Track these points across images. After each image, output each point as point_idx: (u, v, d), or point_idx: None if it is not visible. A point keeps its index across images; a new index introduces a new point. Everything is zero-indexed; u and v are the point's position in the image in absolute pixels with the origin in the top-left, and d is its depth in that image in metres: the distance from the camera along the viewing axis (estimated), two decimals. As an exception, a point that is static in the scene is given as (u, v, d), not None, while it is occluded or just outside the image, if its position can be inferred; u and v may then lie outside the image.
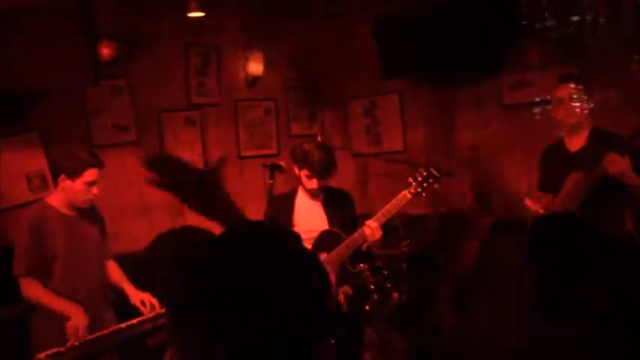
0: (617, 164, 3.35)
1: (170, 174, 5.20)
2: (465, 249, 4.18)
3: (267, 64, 5.76)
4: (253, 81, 5.77)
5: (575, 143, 3.69)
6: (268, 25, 5.84)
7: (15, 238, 3.41)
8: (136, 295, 3.57)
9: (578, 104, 3.62)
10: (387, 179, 5.75)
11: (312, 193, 3.80)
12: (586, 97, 3.67)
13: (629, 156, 3.36)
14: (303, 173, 3.73)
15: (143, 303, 3.49)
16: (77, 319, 3.22)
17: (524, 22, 5.04)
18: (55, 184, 3.44)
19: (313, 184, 3.71)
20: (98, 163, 3.41)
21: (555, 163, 3.79)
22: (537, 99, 5.12)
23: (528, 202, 3.75)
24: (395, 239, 4.46)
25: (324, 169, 3.69)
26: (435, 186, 3.66)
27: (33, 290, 3.33)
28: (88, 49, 4.45)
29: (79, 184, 3.34)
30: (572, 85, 3.68)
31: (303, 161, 3.71)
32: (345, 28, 6.02)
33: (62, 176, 3.34)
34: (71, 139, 4.81)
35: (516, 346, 2.03)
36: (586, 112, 3.63)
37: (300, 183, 3.82)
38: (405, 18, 5.34)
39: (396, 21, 5.41)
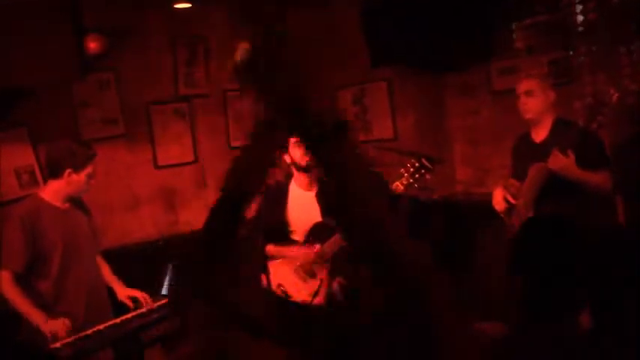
0: (557, 161, 3.37)
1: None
2: None
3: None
4: (242, 71, 5.73)
5: (540, 134, 3.72)
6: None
7: (6, 234, 3.37)
8: (124, 292, 3.63)
9: (536, 99, 3.65)
10: (378, 167, 5.74)
11: (305, 169, 3.77)
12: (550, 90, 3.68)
13: (579, 150, 3.36)
14: (292, 145, 3.71)
15: (133, 299, 3.57)
16: (45, 327, 3.17)
17: (513, 7, 5.04)
18: (45, 179, 3.44)
19: (303, 150, 3.68)
20: (95, 155, 3.53)
21: (523, 153, 3.83)
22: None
23: (496, 194, 3.78)
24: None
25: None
26: (427, 176, 3.66)
27: (9, 287, 3.27)
28: (74, 43, 4.41)
29: (82, 176, 3.44)
30: (534, 81, 3.72)
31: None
32: (333, 15, 5.98)
33: (68, 170, 3.41)
34: (60, 134, 4.77)
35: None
36: (548, 105, 3.64)
37: (292, 166, 3.81)
38: (393, 5, 5.31)
39: (384, 8, 5.38)
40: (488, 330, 3.94)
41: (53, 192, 3.47)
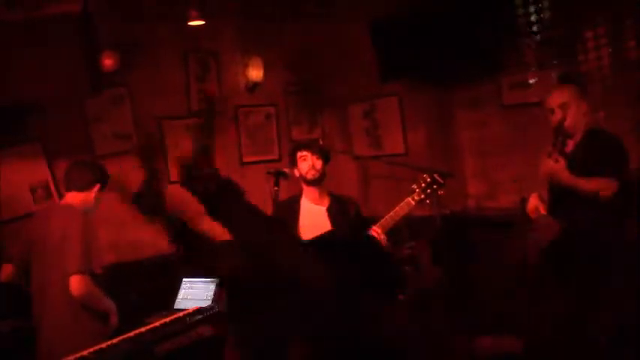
0: (546, 166, 3.44)
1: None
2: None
3: (267, 68, 5.76)
4: (253, 86, 5.78)
5: (570, 144, 3.68)
6: (265, 29, 5.83)
7: (79, 235, 3.40)
8: None
9: (572, 111, 3.55)
10: (388, 182, 5.76)
11: (314, 182, 3.78)
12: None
13: (600, 153, 3.42)
14: (300, 160, 3.75)
15: None
16: (115, 316, 3.48)
17: (523, 22, 5.07)
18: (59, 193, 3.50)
19: (310, 164, 3.74)
20: None
21: None
22: (537, 99, 5.15)
23: (531, 200, 3.75)
24: (398, 242, 4.47)
25: (313, 142, 3.86)
26: (440, 192, 3.67)
27: (89, 287, 3.39)
28: (88, 59, 4.45)
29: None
30: (568, 92, 3.62)
31: (295, 150, 3.81)
32: (343, 30, 6.02)
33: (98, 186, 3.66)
34: (73, 149, 4.82)
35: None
36: (581, 116, 3.55)
37: (301, 181, 3.83)
38: (403, 20, 5.35)
39: (394, 23, 5.42)
40: (505, 345, 3.93)
41: (83, 204, 3.60)
